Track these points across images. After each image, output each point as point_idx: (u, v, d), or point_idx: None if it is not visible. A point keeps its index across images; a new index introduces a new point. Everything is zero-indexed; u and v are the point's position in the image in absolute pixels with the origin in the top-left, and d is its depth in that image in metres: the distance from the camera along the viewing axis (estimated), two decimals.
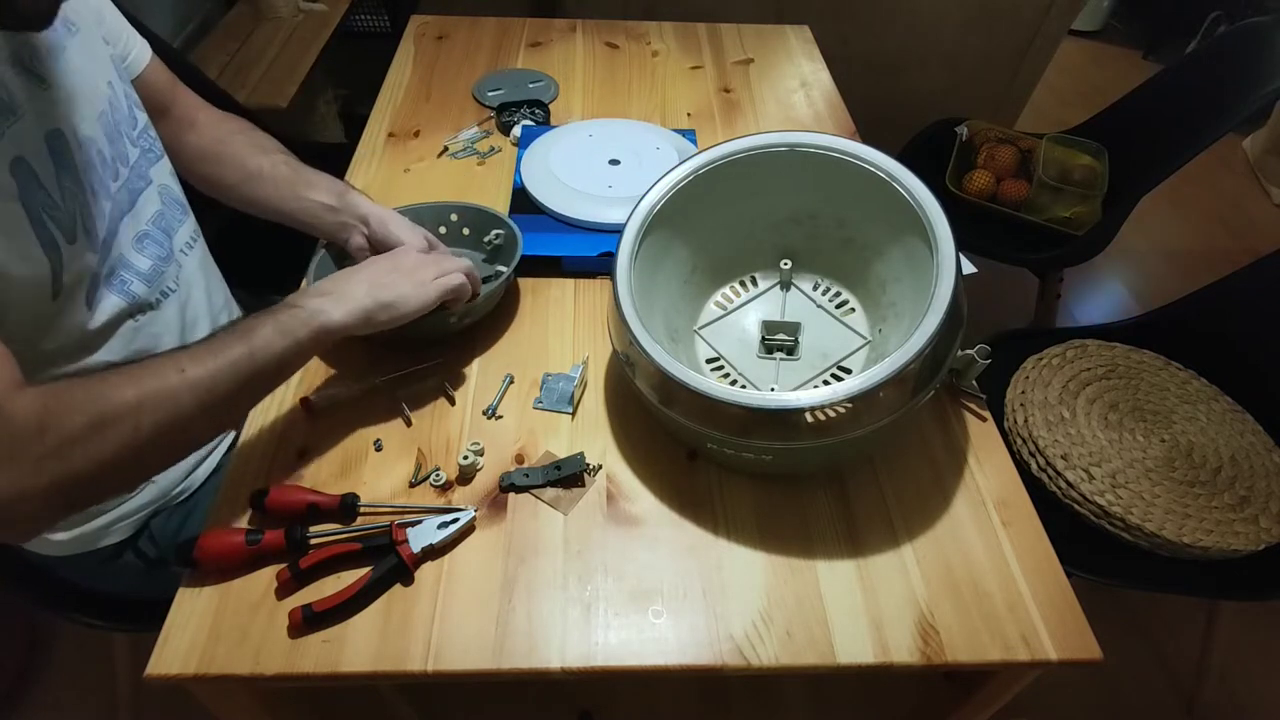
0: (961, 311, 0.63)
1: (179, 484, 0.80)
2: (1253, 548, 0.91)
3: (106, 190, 0.68)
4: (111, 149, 0.69)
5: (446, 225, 0.90)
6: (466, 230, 0.90)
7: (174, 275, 0.77)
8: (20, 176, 0.57)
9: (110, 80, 0.70)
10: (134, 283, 0.71)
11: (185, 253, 0.80)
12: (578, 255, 0.89)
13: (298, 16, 1.77)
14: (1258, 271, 1.11)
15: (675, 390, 0.63)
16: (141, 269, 0.72)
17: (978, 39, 1.92)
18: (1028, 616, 0.62)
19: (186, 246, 0.80)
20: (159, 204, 0.76)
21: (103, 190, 0.67)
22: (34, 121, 0.60)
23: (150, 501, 0.78)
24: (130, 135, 0.72)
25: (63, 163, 0.62)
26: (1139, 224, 2.22)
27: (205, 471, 0.82)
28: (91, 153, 0.66)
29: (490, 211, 0.89)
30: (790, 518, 0.68)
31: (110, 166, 0.68)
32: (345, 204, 0.80)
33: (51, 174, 0.60)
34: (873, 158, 0.72)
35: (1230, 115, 1.24)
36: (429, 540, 0.63)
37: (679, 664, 0.58)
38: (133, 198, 0.72)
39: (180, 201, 0.81)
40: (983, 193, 1.52)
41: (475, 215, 0.90)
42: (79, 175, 0.63)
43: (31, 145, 0.59)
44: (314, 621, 0.58)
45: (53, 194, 0.60)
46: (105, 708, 1.17)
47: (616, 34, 1.37)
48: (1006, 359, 1.10)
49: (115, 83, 0.71)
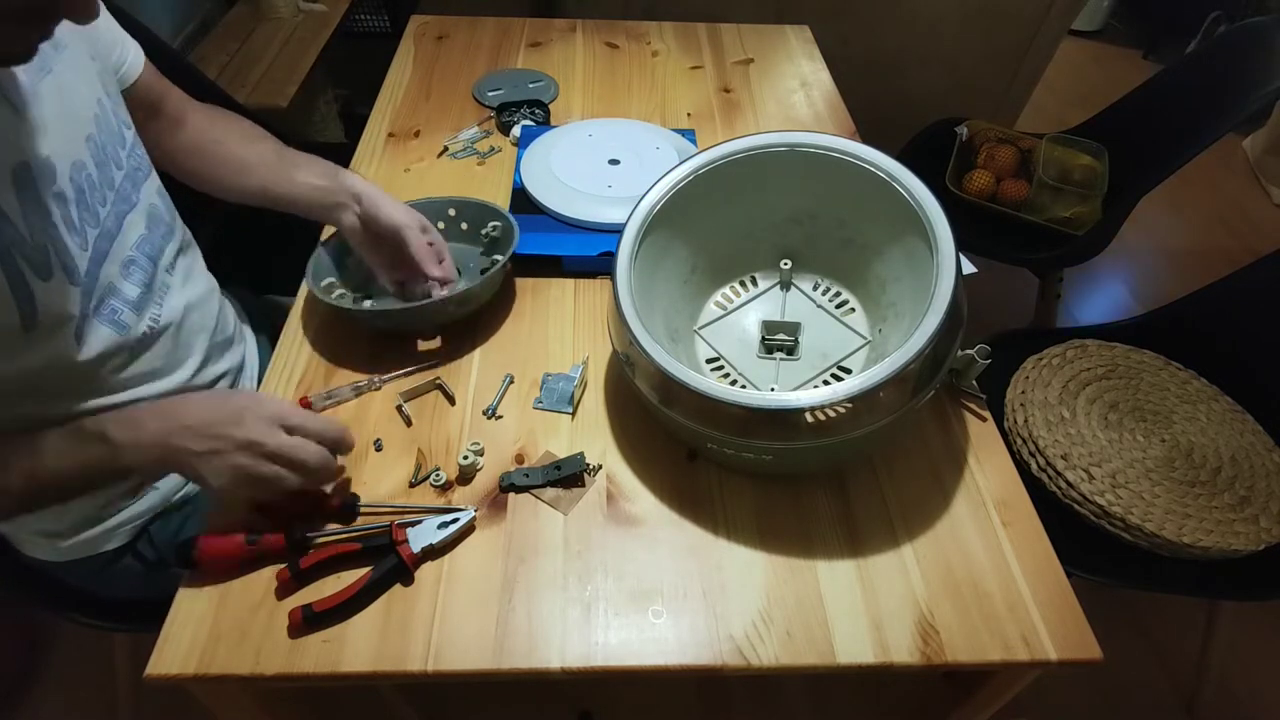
0: (961, 311, 0.63)
1: (179, 490, 0.80)
2: (1253, 548, 0.91)
3: (94, 218, 0.65)
4: (100, 174, 0.66)
5: (445, 220, 0.90)
6: (465, 225, 0.91)
7: (159, 298, 0.73)
8: None
9: (99, 98, 0.67)
10: (123, 312, 0.68)
11: (169, 273, 0.76)
12: (578, 255, 0.89)
13: (298, 16, 1.77)
14: (1258, 271, 1.11)
15: (675, 390, 0.63)
16: (130, 296, 0.69)
17: (978, 39, 1.92)
18: (1028, 616, 0.62)
19: (169, 267, 0.76)
20: (144, 227, 0.72)
21: (88, 219, 0.64)
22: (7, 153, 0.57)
23: (152, 507, 0.78)
24: (118, 157, 0.69)
25: (28, 196, 0.58)
26: (1139, 224, 2.22)
27: None
28: (79, 180, 0.63)
29: (486, 204, 0.89)
30: (790, 518, 0.68)
31: (99, 191, 0.66)
32: (337, 183, 0.80)
33: (16, 209, 0.57)
34: (873, 158, 0.72)
35: (1230, 115, 1.24)
36: (429, 540, 0.63)
37: (679, 664, 0.58)
38: (119, 222, 0.69)
39: (165, 220, 0.77)
40: (983, 193, 1.52)
41: (472, 209, 0.90)
42: (48, 208, 0.60)
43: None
44: (314, 621, 0.58)
45: (20, 229, 0.57)
46: (105, 708, 1.17)
47: (616, 34, 1.37)
48: (1006, 359, 1.10)
49: (104, 100, 0.68)
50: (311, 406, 0.73)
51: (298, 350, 0.80)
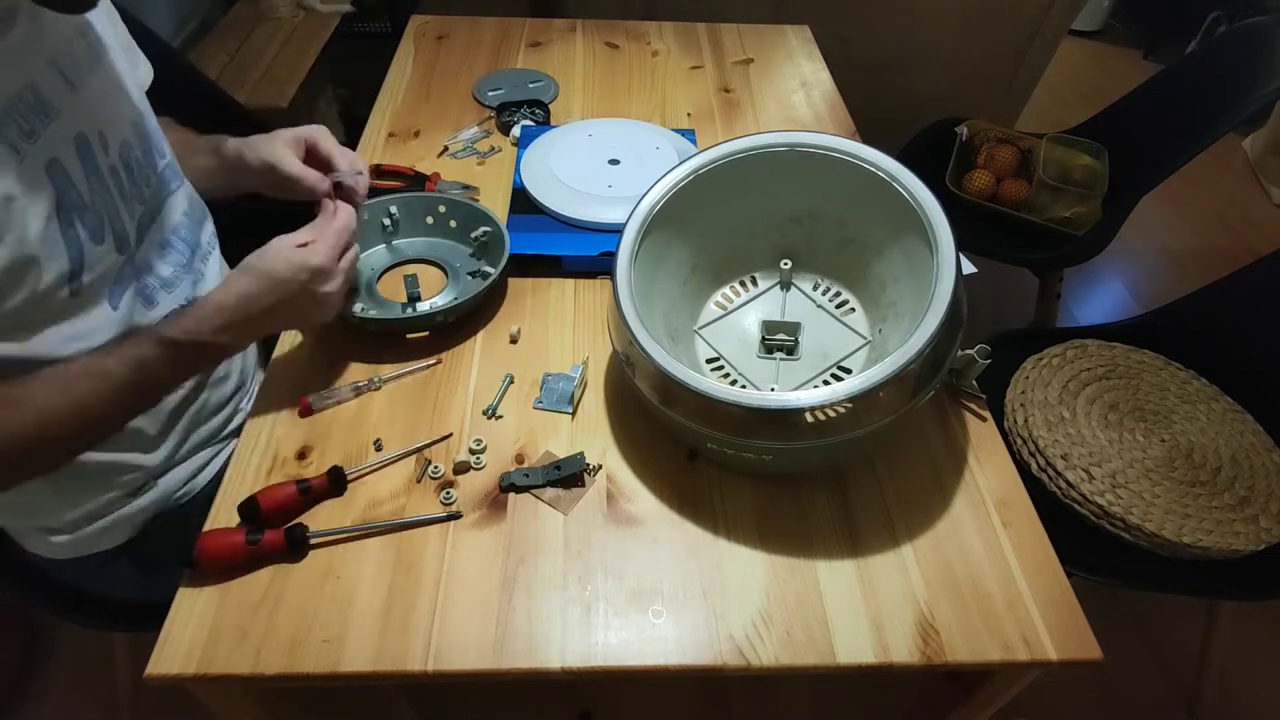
0: (961, 311, 0.63)
1: (179, 490, 0.80)
2: (1253, 548, 0.91)
3: (140, 194, 0.71)
4: (145, 159, 0.72)
5: (434, 216, 0.91)
6: (454, 223, 0.91)
7: (191, 282, 0.78)
8: (54, 176, 0.60)
9: (140, 95, 0.74)
10: (156, 289, 0.73)
11: (204, 261, 0.81)
12: (578, 255, 0.89)
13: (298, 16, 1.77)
14: (1258, 271, 1.11)
15: (675, 390, 0.63)
16: (164, 275, 0.74)
17: (978, 39, 1.92)
18: (1028, 616, 0.62)
19: (206, 253, 0.82)
20: (181, 214, 0.78)
21: (135, 194, 0.70)
22: (68, 123, 0.62)
23: (154, 502, 0.78)
24: (161, 146, 0.75)
25: (91, 165, 0.64)
26: (1139, 224, 2.22)
27: (206, 478, 0.82)
28: (129, 157, 0.69)
29: (477, 207, 0.89)
30: (790, 518, 0.68)
31: (144, 172, 0.71)
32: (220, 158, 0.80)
33: (81, 175, 0.63)
34: (873, 158, 0.72)
35: (1230, 115, 1.23)
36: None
37: (679, 664, 0.58)
38: (161, 203, 0.75)
39: (203, 207, 0.83)
40: (983, 193, 1.52)
41: (462, 210, 0.90)
42: (105, 178, 0.66)
43: (64, 147, 0.61)
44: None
45: (83, 195, 0.63)
46: (105, 708, 1.17)
47: (616, 34, 1.37)
48: (1006, 359, 1.10)
49: (142, 100, 0.74)
50: (311, 407, 0.73)
51: (298, 350, 0.80)
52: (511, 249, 0.84)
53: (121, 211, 0.67)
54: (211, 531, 0.62)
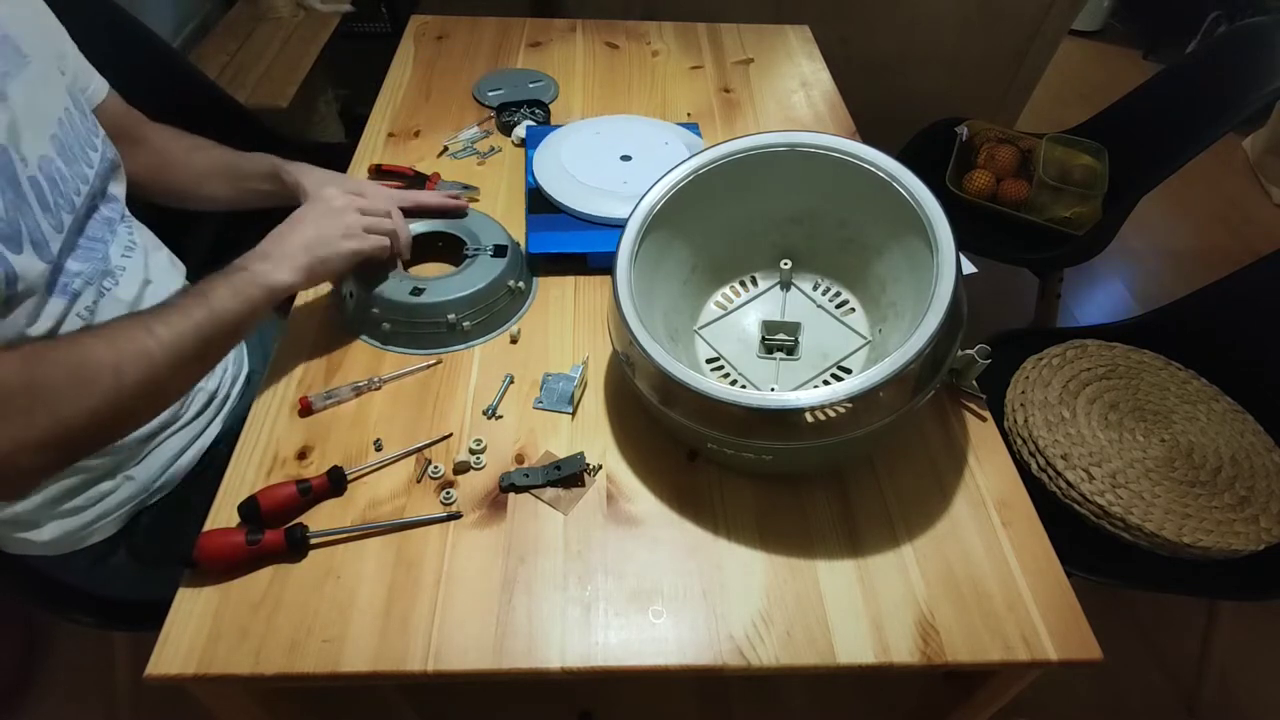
0: (961, 311, 0.63)
1: (158, 479, 0.80)
2: (1253, 548, 0.91)
3: (69, 204, 0.70)
4: (69, 168, 0.71)
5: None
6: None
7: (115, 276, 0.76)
8: None
9: (66, 106, 0.72)
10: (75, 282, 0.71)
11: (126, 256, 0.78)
12: (601, 251, 0.89)
13: (298, 16, 1.77)
14: (1258, 272, 1.11)
15: (675, 390, 0.63)
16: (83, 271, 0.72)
17: (978, 39, 1.92)
18: (1028, 616, 0.62)
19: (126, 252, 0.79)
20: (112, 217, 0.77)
21: (62, 204, 0.69)
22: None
23: (131, 496, 0.78)
24: (88, 157, 0.74)
25: (4, 174, 0.63)
26: (1139, 224, 2.22)
27: (187, 464, 0.82)
28: (49, 170, 0.68)
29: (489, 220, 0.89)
30: (790, 518, 0.68)
31: (71, 183, 0.70)
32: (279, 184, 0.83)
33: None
34: (873, 158, 0.72)
35: (1230, 115, 1.23)
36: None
37: (679, 664, 0.58)
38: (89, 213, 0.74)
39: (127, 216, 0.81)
40: (983, 193, 1.52)
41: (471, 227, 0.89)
42: (23, 189, 0.64)
43: None
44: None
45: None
46: (105, 708, 1.18)
47: (616, 34, 1.37)
48: (1006, 359, 1.10)
49: (70, 109, 0.73)
50: (311, 406, 0.73)
51: (298, 350, 0.80)
52: (534, 248, 0.84)
53: (42, 222, 0.66)
54: (211, 531, 0.62)
